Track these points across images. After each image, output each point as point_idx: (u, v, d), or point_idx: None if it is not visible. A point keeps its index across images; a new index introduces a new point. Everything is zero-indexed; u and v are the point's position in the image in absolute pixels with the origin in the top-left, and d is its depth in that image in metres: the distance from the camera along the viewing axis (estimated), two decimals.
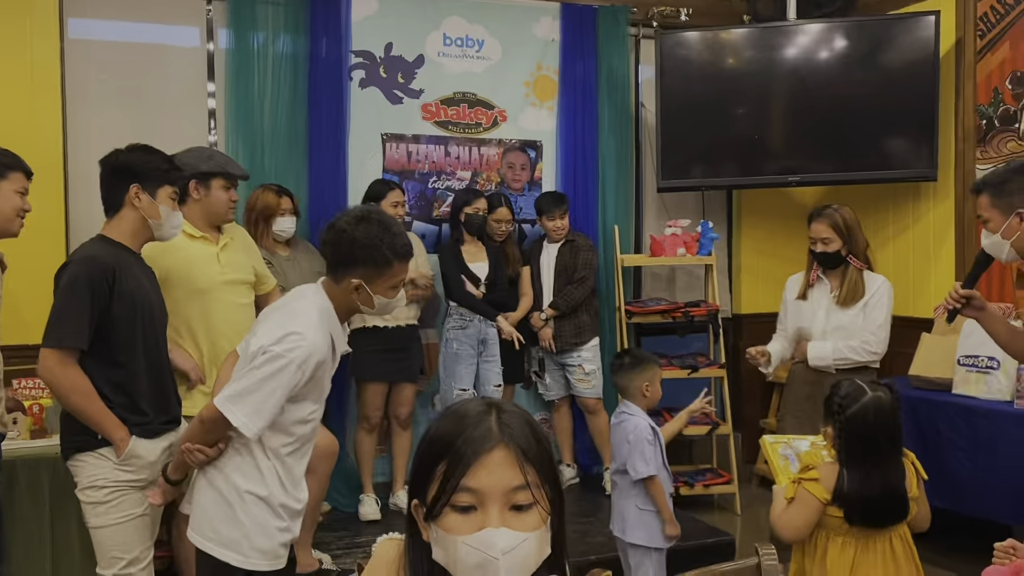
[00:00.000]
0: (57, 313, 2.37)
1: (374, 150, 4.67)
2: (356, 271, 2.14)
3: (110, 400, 2.41)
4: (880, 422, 2.23)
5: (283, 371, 2.07)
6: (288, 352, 2.07)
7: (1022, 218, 2.48)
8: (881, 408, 2.24)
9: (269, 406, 2.10)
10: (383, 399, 4.33)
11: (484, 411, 1.13)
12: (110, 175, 2.51)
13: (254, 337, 2.17)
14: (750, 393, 5.39)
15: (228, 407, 2.10)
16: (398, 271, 2.18)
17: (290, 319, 2.13)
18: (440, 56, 4.79)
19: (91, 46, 4.16)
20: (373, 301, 2.18)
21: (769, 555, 1.67)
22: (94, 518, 2.43)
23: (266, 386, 2.08)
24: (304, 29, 4.42)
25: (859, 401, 2.24)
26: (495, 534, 1.06)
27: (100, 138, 4.03)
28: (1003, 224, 2.51)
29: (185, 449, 2.19)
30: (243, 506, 2.17)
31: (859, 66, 4.71)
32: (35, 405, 3.21)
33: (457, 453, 1.08)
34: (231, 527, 2.17)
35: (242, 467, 2.19)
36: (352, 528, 4.19)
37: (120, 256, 2.47)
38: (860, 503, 2.21)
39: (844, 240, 3.41)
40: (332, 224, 2.20)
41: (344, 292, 2.17)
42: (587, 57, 5.00)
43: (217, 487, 2.20)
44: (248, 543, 2.17)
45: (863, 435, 2.23)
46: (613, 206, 5.08)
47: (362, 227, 2.14)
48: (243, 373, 2.12)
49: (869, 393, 2.25)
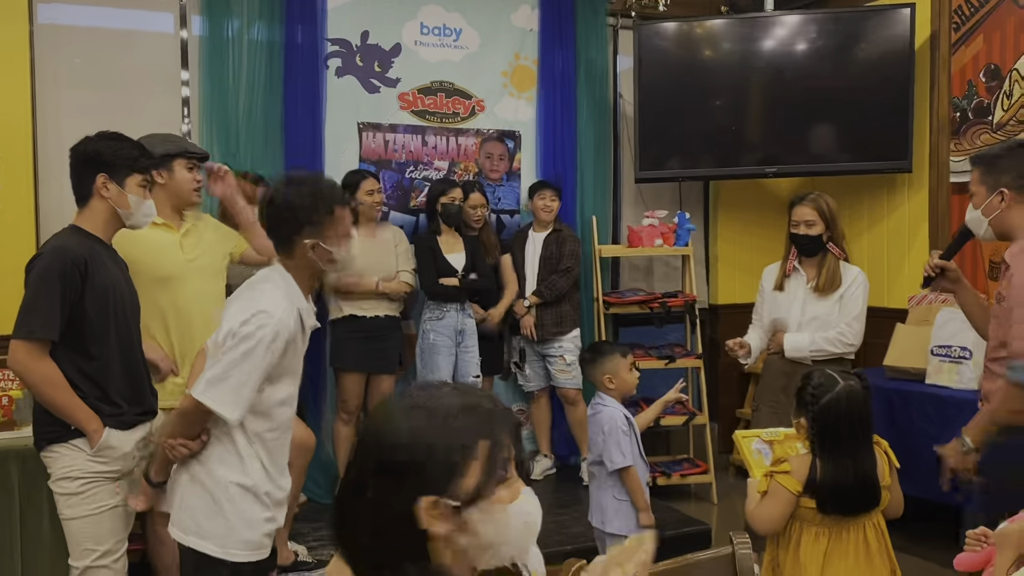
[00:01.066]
0: (28, 304, 2.33)
1: (350, 139, 4.64)
2: (304, 233, 2.13)
3: (83, 391, 2.38)
4: (852, 411, 2.24)
5: (254, 351, 2.06)
6: (257, 331, 2.06)
7: (1003, 197, 2.48)
8: (853, 397, 2.24)
9: (247, 389, 2.08)
10: (361, 389, 4.31)
11: (476, 392, 1.15)
12: (78, 164, 2.47)
13: (223, 323, 2.16)
14: (727, 383, 5.42)
15: (206, 395, 2.07)
16: (341, 217, 2.18)
17: (255, 300, 2.12)
18: (417, 45, 4.76)
19: (61, 31, 4.08)
20: (332, 255, 2.18)
21: (743, 544, 1.67)
22: (67, 509, 2.40)
23: (240, 368, 2.06)
24: (279, 16, 4.37)
25: (831, 391, 2.24)
26: (529, 490, 1.13)
27: (71, 126, 3.96)
28: (985, 201, 2.52)
29: (167, 445, 2.15)
30: (228, 497, 2.14)
31: (835, 58, 4.73)
32: (4, 397, 3.16)
33: (498, 432, 1.08)
34: (215, 520, 2.14)
35: (225, 458, 2.15)
36: (328, 519, 4.16)
37: (92, 247, 2.43)
38: (833, 492, 2.22)
39: (827, 225, 3.44)
40: (263, 203, 2.22)
41: (302, 260, 2.16)
42: (565, 47, 4.99)
43: (199, 480, 2.16)
44: (234, 535, 2.14)
45: (836, 425, 2.23)
46: (591, 197, 5.08)
47: (292, 190, 2.15)
48: (215, 360, 2.10)
49: (841, 383, 2.25)
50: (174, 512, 2.20)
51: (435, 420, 1.06)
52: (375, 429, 1.10)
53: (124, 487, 2.47)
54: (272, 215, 2.17)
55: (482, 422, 1.07)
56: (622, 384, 3.06)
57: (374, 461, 1.07)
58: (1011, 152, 2.53)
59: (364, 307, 4.22)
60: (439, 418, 1.06)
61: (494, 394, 1.17)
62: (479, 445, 1.06)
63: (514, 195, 5.00)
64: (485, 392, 1.16)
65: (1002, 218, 2.50)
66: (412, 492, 1.03)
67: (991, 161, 2.55)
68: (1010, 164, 2.49)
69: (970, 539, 1.80)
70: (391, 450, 1.05)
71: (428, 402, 1.08)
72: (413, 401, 1.09)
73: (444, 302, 4.37)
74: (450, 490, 1.04)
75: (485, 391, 1.19)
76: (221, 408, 2.07)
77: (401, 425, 1.07)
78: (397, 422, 1.07)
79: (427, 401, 1.09)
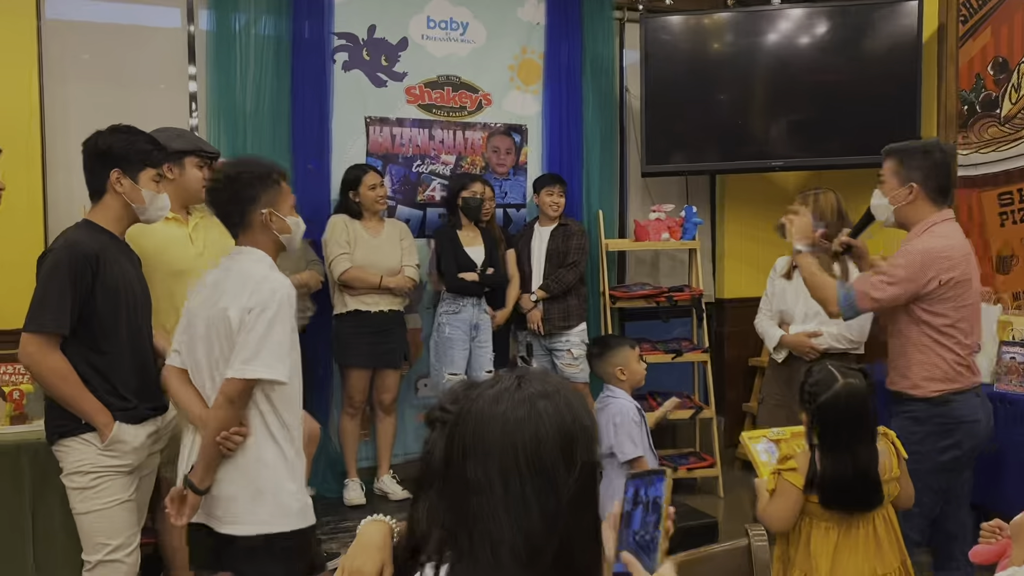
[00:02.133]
0: (39, 298, 2.34)
1: (358, 133, 4.63)
2: (259, 203, 2.24)
3: (93, 385, 2.39)
4: (852, 408, 2.22)
5: (279, 313, 2.15)
6: (271, 296, 2.16)
7: (912, 191, 2.71)
8: (853, 394, 2.22)
9: (286, 347, 2.18)
10: (367, 383, 4.32)
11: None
12: (91, 159, 2.47)
13: (210, 308, 2.21)
14: (733, 377, 5.42)
15: (250, 369, 2.13)
16: (287, 189, 2.32)
17: (249, 276, 2.20)
18: (424, 39, 4.75)
19: (69, 26, 4.08)
20: (287, 224, 2.29)
21: (759, 536, 1.68)
22: (79, 504, 2.41)
23: (272, 333, 2.14)
24: (286, 11, 4.36)
25: (831, 388, 2.22)
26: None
27: (79, 121, 3.98)
28: (895, 191, 2.74)
29: (221, 440, 2.16)
30: (268, 475, 2.21)
31: (842, 51, 4.72)
32: (15, 391, 3.17)
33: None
34: (261, 499, 2.20)
35: (259, 438, 2.21)
36: (337, 513, 4.18)
37: (104, 242, 2.44)
38: (832, 488, 2.21)
39: (826, 224, 3.44)
40: (211, 194, 2.31)
41: (260, 232, 2.26)
42: (572, 41, 4.98)
43: (237, 467, 2.20)
44: (283, 507, 2.22)
45: (835, 422, 2.22)
46: (597, 191, 5.07)
47: (235, 172, 2.26)
48: (242, 339, 2.13)
49: (840, 380, 2.23)
50: (212, 508, 2.20)
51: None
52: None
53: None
54: (223, 200, 2.26)
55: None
56: (632, 375, 3.07)
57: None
58: (924, 154, 2.74)
59: (368, 302, 4.22)
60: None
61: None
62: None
63: (520, 189, 5.00)
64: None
65: (906, 210, 2.75)
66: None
67: (906, 156, 2.75)
68: (921, 164, 2.72)
69: (985, 531, 1.80)
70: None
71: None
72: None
73: (462, 296, 4.38)
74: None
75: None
76: (271, 372, 2.14)
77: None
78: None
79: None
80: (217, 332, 2.20)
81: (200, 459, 2.18)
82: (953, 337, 2.66)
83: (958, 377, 2.67)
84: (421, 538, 1.16)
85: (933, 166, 2.72)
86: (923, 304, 2.66)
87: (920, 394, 2.68)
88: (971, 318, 2.72)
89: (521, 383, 1.09)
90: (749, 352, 5.33)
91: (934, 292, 2.64)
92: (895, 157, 2.77)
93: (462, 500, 1.06)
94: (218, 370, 2.22)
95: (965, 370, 2.69)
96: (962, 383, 2.67)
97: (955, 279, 2.64)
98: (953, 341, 2.67)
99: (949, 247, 2.67)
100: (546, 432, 1.04)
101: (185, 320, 2.31)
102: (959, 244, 2.72)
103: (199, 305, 2.27)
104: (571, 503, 1.04)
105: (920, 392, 2.68)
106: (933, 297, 2.64)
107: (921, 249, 2.65)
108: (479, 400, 1.08)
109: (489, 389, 1.09)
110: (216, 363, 2.23)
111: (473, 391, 1.11)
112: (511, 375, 1.11)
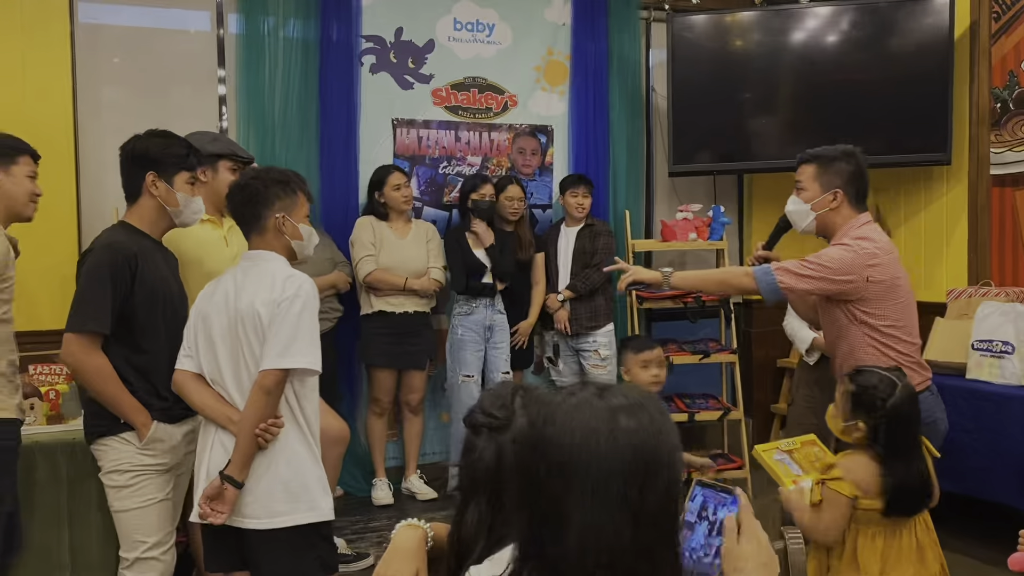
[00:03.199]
0: (80, 299, 2.38)
1: (384, 135, 4.65)
2: (274, 208, 2.30)
3: (132, 385, 2.42)
4: (914, 411, 2.26)
5: (307, 304, 2.22)
6: (298, 290, 2.22)
7: (836, 197, 2.71)
8: (913, 397, 2.26)
9: (316, 337, 2.24)
10: (392, 384, 4.34)
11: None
12: (128, 163, 2.51)
13: (230, 308, 2.25)
14: (761, 378, 5.38)
15: (286, 360, 2.18)
16: (303, 199, 2.38)
17: (268, 273, 2.26)
18: (450, 41, 4.77)
19: (102, 30, 4.14)
20: (299, 231, 2.35)
21: (795, 538, 1.66)
22: (117, 502, 2.45)
23: (302, 323, 2.20)
24: (315, 13, 4.40)
25: (895, 393, 2.23)
26: None
27: (111, 123, 4.03)
28: (817, 197, 2.73)
29: (260, 432, 2.19)
30: (299, 465, 2.26)
31: (872, 49, 4.67)
32: (51, 391, 3.21)
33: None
34: (297, 491, 2.24)
35: (290, 429, 2.26)
36: (365, 512, 4.21)
37: (141, 243, 2.48)
38: (900, 494, 2.20)
39: None
40: (229, 197, 2.36)
41: (273, 235, 2.32)
42: (598, 41, 4.97)
43: (272, 459, 2.24)
44: (317, 496, 2.28)
45: (905, 427, 2.23)
46: (624, 191, 5.06)
47: (256, 178, 2.33)
48: (273, 331, 2.18)
49: (899, 383, 2.25)
50: (248, 506, 2.22)
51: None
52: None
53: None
54: (241, 201, 2.31)
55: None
56: (633, 380, 3.00)
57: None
58: (845, 157, 2.74)
59: (393, 303, 4.24)
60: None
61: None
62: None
63: (546, 190, 5.00)
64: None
65: (829, 215, 2.73)
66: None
67: (827, 162, 2.74)
68: (844, 170, 2.72)
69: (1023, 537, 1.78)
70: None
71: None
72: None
73: (473, 297, 4.38)
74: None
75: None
76: (306, 361, 2.21)
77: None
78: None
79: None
80: (244, 328, 2.23)
81: (237, 454, 2.20)
82: (896, 337, 2.67)
83: (913, 376, 2.59)
84: (469, 545, 1.14)
85: (855, 171, 2.74)
86: (860, 306, 2.66)
87: None
88: (909, 317, 2.71)
89: (603, 394, 1.05)
90: (777, 353, 5.29)
91: (863, 290, 2.63)
92: (814, 163, 2.77)
93: (532, 509, 1.02)
94: (245, 367, 2.25)
95: (919, 368, 2.70)
96: (915, 382, 2.59)
97: (886, 279, 2.64)
98: (896, 341, 2.67)
99: (877, 247, 2.67)
100: (626, 446, 1.01)
101: (197, 324, 2.32)
102: (885, 246, 2.70)
103: (214, 306, 2.30)
104: (648, 518, 1.00)
105: None
106: (866, 297, 2.64)
107: (850, 247, 2.65)
108: (558, 409, 1.04)
109: (570, 398, 1.05)
110: (241, 360, 2.25)
111: (542, 398, 1.07)
112: (591, 386, 1.07)
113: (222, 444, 2.26)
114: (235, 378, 2.27)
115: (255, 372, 2.22)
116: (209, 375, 2.31)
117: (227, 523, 2.22)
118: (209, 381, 2.31)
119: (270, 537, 2.22)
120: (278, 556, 2.24)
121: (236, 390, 2.27)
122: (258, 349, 2.22)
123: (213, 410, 2.27)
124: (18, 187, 2.59)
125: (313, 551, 2.28)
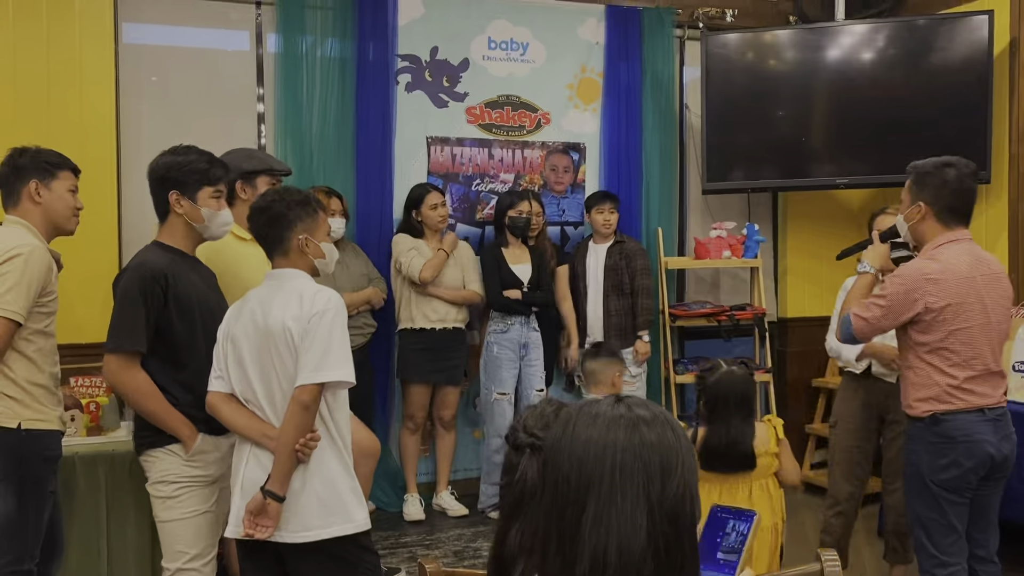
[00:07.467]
0: (115, 319, 2.44)
1: (419, 153, 4.70)
2: (296, 229, 2.34)
3: (176, 399, 2.47)
4: (730, 389, 2.80)
5: (337, 316, 2.27)
6: (328, 304, 2.27)
7: (920, 210, 2.67)
8: (732, 379, 2.83)
9: (347, 348, 2.28)
10: (427, 399, 4.36)
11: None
12: (154, 183, 2.57)
13: (259, 326, 2.28)
14: (795, 398, 5.32)
15: (322, 373, 2.20)
16: (324, 219, 2.44)
17: (295, 291, 2.29)
18: (485, 59, 4.81)
19: (144, 50, 4.23)
20: (321, 250, 2.39)
21: (831, 561, 1.64)
22: (162, 512, 2.49)
23: (334, 336, 2.24)
24: (351, 33, 4.46)
25: (715, 373, 2.85)
26: None
27: (152, 141, 4.10)
28: (906, 209, 2.72)
29: (300, 446, 2.21)
30: (334, 478, 2.28)
31: (909, 66, 4.63)
32: (92, 403, 3.27)
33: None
34: (335, 503, 2.27)
35: (324, 444, 2.29)
36: (397, 528, 4.22)
37: (173, 260, 2.52)
38: (708, 452, 2.77)
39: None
40: (251, 218, 2.39)
41: (298, 258, 2.36)
42: (631, 59, 4.98)
43: (309, 472, 2.26)
44: (355, 507, 2.31)
45: (716, 398, 2.81)
46: (657, 208, 5.05)
47: (279, 198, 2.38)
48: (306, 345, 2.21)
49: (723, 367, 2.87)
50: (292, 521, 2.24)
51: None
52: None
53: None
54: (265, 222, 2.35)
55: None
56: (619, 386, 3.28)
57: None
58: (937, 171, 2.68)
59: (432, 319, 4.27)
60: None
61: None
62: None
63: (579, 207, 5.01)
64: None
65: (916, 228, 2.72)
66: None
67: (920, 175, 2.71)
68: (931, 182, 2.67)
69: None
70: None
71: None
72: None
73: (508, 315, 4.39)
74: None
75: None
76: (342, 375, 2.24)
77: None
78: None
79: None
80: (275, 345, 2.25)
81: (277, 469, 2.22)
82: (944, 358, 2.61)
83: (949, 399, 2.61)
84: (509, 567, 1.14)
85: (943, 184, 2.65)
86: (916, 327, 2.64)
87: (913, 414, 2.70)
88: (969, 341, 2.62)
89: (626, 407, 1.07)
90: (812, 372, 5.23)
91: (922, 315, 2.60)
92: (911, 175, 2.75)
93: (557, 521, 1.04)
94: (277, 384, 2.27)
95: (961, 393, 2.62)
96: (955, 405, 2.61)
97: (945, 304, 2.58)
98: (943, 361, 2.61)
99: (940, 271, 2.60)
100: (648, 457, 1.03)
101: (226, 345, 2.34)
102: (954, 268, 2.61)
103: (241, 327, 2.32)
104: (669, 526, 1.02)
105: (913, 412, 2.69)
106: (924, 320, 2.61)
107: (906, 273, 2.63)
108: (579, 421, 1.06)
109: (590, 410, 1.07)
110: (273, 377, 2.27)
111: (570, 413, 1.09)
112: (611, 399, 1.09)
113: (257, 459, 2.28)
114: (267, 395, 2.29)
115: (287, 388, 2.25)
116: (241, 395, 2.33)
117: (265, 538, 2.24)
118: (242, 401, 2.33)
119: (310, 549, 2.24)
120: (320, 569, 2.27)
121: (269, 407, 2.29)
122: (290, 365, 2.24)
123: (248, 428, 2.30)
124: (60, 201, 2.64)
125: (357, 564, 2.31)
